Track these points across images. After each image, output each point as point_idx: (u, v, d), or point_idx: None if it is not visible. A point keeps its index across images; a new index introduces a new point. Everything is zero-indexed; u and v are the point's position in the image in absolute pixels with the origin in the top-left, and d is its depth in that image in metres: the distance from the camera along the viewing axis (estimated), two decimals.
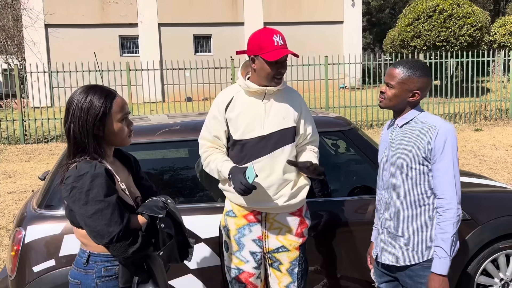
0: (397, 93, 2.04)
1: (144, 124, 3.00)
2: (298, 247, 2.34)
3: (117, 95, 1.77)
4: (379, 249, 2.18)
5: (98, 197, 1.61)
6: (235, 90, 2.32)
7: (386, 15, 34.73)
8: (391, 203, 2.10)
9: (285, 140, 2.26)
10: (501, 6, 31.13)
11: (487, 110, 12.96)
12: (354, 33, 22.05)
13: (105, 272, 1.72)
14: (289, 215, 2.32)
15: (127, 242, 1.63)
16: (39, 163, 9.15)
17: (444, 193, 1.96)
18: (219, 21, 21.10)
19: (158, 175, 2.95)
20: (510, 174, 6.95)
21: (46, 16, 19.19)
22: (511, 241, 2.95)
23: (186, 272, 2.62)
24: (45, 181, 2.83)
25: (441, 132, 1.97)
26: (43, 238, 2.51)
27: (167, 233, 1.72)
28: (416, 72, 2.02)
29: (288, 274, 2.33)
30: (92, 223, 1.61)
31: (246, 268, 2.31)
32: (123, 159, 1.91)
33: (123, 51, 20.92)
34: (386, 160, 2.14)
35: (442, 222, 1.95)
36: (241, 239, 2.32)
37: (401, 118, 2.10)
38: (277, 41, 2.17)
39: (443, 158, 1.96)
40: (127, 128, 1.78)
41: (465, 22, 15.56)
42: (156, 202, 1.78)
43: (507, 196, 3.09)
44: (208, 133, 2.32)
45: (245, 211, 2.31)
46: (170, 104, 14.24)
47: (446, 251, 1.93)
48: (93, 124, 1.69)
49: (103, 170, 1.65)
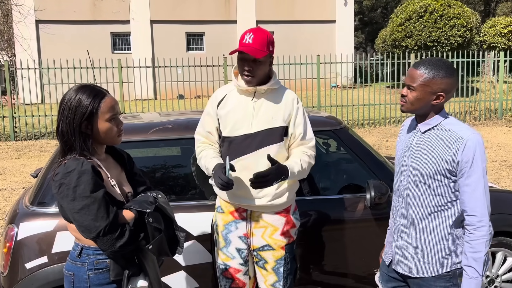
0: (419, 96, 1.89)
1: (137, 122, 3.02)
2: (284, 247, 2.33)
3: (107, 95, 1.81)
4: (393, 256, 2.11)
5: (85, 193, 1.66)
6: (229, 88, 2.37)
7: (378, 15, 34.91)
8: (408, 212, 2.00)
9: (271, 140, 2.25)
10: (491, 7, 31.44)
11: (476, 110, 13.12)
12: (346, 32, 22.13)
13: (96, 265, 1.78)
14: (274, 214, 2.32)
15: (114, 236, 1.67)
16: (30, 160, 9.09)
17: (475, 210, 1.83)
18: (212, 19, 21.07)
19: (150, 173, 2.98)
20: (498, 174, 7.05)
21: (36, 12, 19.01)
22: (497, 239, 3.01)
23: (178, 269, 2.65)
24: (38, 178, 2.84)
25: (470, 145, 1.82)
26: (35, 235, 2.52)
27: (156, 227, 1.76)
28: (439, 73, 1.87)
29: (273, 273, 2.34)
30: (79, 218, 1.67)
31: (232, 264, 2.35)
32: (116, 156, 1.96)
33: (114, 48, 20.81)
34: (405, 166, 2.02)
35: (473, 241, 1.83)
36: (228, 235, 2.35)
37: (424, 124, 1.96)
38: (246, 39, 2.21)
39: (472, 173, 1.82)
40: (117, 127, 1.83)
41: (456, 23, 15.71)
42: (146, 197, 1.84)
43: (494, 195, 3.15)
44: (202, 128, 2.39)
45: (232, 208, 2.35)
46: (162, 102, 14.21)
47: (478, 271, 1.82)
48: (79, 123, 1.74)
49: (89, 167, 1.70)
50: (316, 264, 2.83)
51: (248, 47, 2.18)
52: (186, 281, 2.66)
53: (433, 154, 1.91)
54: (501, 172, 7.13)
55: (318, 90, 12.37)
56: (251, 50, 2.17)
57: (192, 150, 2.97)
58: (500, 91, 12.86)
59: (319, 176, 3.31)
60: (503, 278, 3.10)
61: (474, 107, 13.17)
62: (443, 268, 1.95)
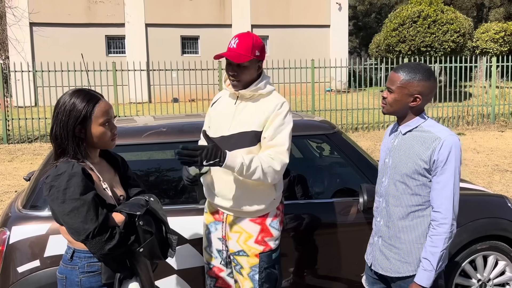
0: (397, 98, 1.98)
1: (131, 125, 3.02)
2: (258, 255, 2.28)
3: (101, 100, 1.82)
4: (373, 257, 2.16)
5: (74, 195, 1.67)
6: (225, 91, 2.43)
7: (372, 20, 35.12)
8: (388, 212, 2.07)
9: (243, 143, 2.23)
10: (484, 13, 31.74)
11: (469, 115, 13.21)
12: (340, 37, 22.24)
13: (88, 268, 1.78)
14: (248, 221, 2.29)
15: (103, 239, 1.68)
16: (23, 163, 9.04)
17: (441, 207, 1.92)
18: (207, 23, 21.10)
19: (144, 177, 2.97)
20: (490, 178, 7.10)
21: (31, 15, 18.95)
22: (488, 243, 3.04)
23: (171, 273, 2.64)
24: (30, 182, 2.83)
25: (446, 144, 1.90)
26: (28, 239, 2.51)
27: (146, 230, 1.77)
28: (416, 76, 1.95)
29: (249, 279, 2.31)
30: (69, 220, 1.68)
31: (215, 263, 2.40)
32: (110, 159, 1.98)
33: (109, 51, 20.77)
34: (386, 167, 2.10)
35: (434, 236, 1.92)
36: (209, 235, 2.40)
37: (405, 125, 2.04)
38: (231, 44, 2.23)
39: (444, 172, 1.90)
40: (110, 132, 1.84)
41: (449, 28, 15.83)
42: (138, 200, 1.85)
43: (485, 199, 3.19)
44: (203, 127, 2.48)
45: (213, 209, 2.39)
46: (156, 105, 14.19)
47: (433, 264, 1.91)
48: (73, 127, 1.76)
49: (79, 170, 1.71)
50: (309, 267, 2.84)
51: (230, 52, 2.20)
52: (179, 285, 2.66)
53: (412, 154, 1.98)
54: (493, 177, 7.18)
55: (313, 94, 12.41)
56: (233, 55, 2.18)
57: None
58: (493, 96, 12.96)
59: (313, 180, 3.33)
60: (495, 281, 3.12)
61: (467, 112, 13.26)
62: None
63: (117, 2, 20.38)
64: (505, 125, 12.71)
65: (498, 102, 13.17)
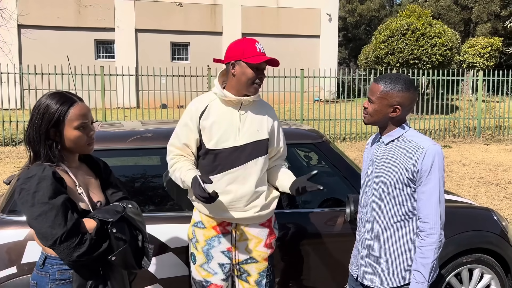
0: (377, 108, 1.98)
1: (116, 130, 2.96)
2: (267, 258, 2.34)
3: (77, 102, 1.76)
4: (359, 268, 2.14)
5: (43, 199, 1.61)
6: (210, 98, 2.29)
7: (361, 31, 35.51)
8: (372, 222, 2.05)
9: (259, 152, 2.25)
10: (471, 27, 32.31)
11: (455, 128, 13.36)
12: (330, 47, 22.42)
13: (59, 275, 1.73)
14: (258, 226, 2.31)
15: (72, 245, 1.62)
16: (6, 166, 8.87)
17: (428, 217, 1.90)
18: (197, 30, 21.11)
19: (128, 183, 2.91)
20: (475, 190, 7.15)
21: (19, 17, 18.75)
22: (474, 256, 3.02)
23: (154, 282, 2.58)
24: (10, 185, 2.75)
25: (429, 154, 1.90)
26: (5, 245, 2.43)
27: (119, 238, 1.71)
28: (395, 87, 1.95)
29: (256, 286, 2.32)
30: (37, 225, 1.62)
31: (214, 280, 2.29)
32: (92, 164, 1.92)
33: (98, 55, 20.63)
34: (370, 177, 2.09)
35: (424, 247, 1.90)
36: (209, 251, 2.29)
37: (387, 135, 2.03)
38: (259, 48, 2.22)
39: (429, 181, 1.90)
40: (87, 136, 1.78)
41: (437, 42, 16.06)
42: (114, 206, 1.80)
43: (471, 212, 3.18)
44: (177, 140, 2.27)
45: (214, 222, 2.29)
46: (144, 111, 14.09)
47: (425, 276, 1.90)
48: (46, 130, 1.71)
49: (50, 173, 1.65)
50: (295, 278, 2.80)
51: (272, 58, 2.21)
52: None
53: (395, 164, 1.97)
54: (479, 189, 7.23)
55: (301, 104, 12.44)
56: (275, 60, 2.23)
57: None
58: (479, 109, 13.14)
59: None
60: None
61: (453, 125, 13.41)
62: (406, 279, 1.98)
63: (107, 7, 20.29)
64: (490, 138, 12.87)
65: (484, 116, 13.33)
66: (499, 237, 3.09)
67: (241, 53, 2.18)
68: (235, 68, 2.20)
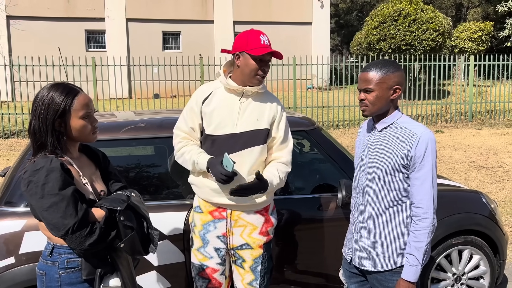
0: (379, 95, 2.00)
1: (110, 121, 2.98)
2: (262, 245, 2.36)
3: (80, 93, 1.80)
4: (352, 252, 2.19)
5: (53, 190, 1.64)
6: (215, 85, 2.36)
7: (353, 18, 35.40)
8: (366, 208, 2.10)
9: (255, 141, 2.28)
10: (463, 12, 32.31)
11: (447, 113, 13.46)
12: (322, 34, 22.37)
13: (67, 264, 1.76)
14: (254, 213, 2.34)
15: (83, 234, 1.66)
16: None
17: (421, 202, 1.95)
18: (189, 18, 20.95)
19: (123, 172, 2.94)
20: (467, 174, 7.26)
21: (7, 8, 18.51)
22: (463, 238, 3.10)
23: (150, 269, 2.63)
24: (6, 177, 2.78)
25: (422, 140, 1.94)
26: (2, 235, 2.46)
27: (127, 225, 1.75)
28: (389, 68, 1.99)
29: (251, 272, 2.36)
30: (48, 216, 1.65)
31: (210, 264, 2.35)
32: (91, 155, 1.95)
33: (89, 46, 20.45)
34: (363, 163, 2.13)
35: (417, 231, 1.95)
36: (205, 235, 2.35)
37: (381, 122, 2.07)
38: (263, 40, 2.25)
39: (422, 167, 1.94)
40: (91, 125, 1.82)
41: (428, 27, 16.08)
42: (119, 195, 1.83)
43: (461, 195, 3.25)
44: (184, 124, 2.35)
45: (211, 207, 2.34)
46: (137, 101, 14.05)
47: (419, 259, 1.95)
48: (52, 120, 1.73)
49: (58, 165, 1.68)
50: (289, 263, 2.86)
51: (276, 51, 2.25)
52: (159, 281, 2.65)
53: (389, 150, 2.01)
54: (470, 173, 7.34)
55: (294, 91, 12.46)
56: (278, 53, 2.27)
57: (166, 150, 2.96)
58: (470, 94, 13.23)
59: (293, 175, 3.34)
60: (469, 275, 3.19)
61: (445, 110, 13.50)
62: (399, 262, 2.04)
63: None
64: (482, 122, 12.99)
65: (475, 100, 13.43)
66: (487, 219, 3.17)
67: (245, 44, 2.24)
68: (239, 59, 2.27)
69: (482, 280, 3.24)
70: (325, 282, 2.93)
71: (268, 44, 2.26)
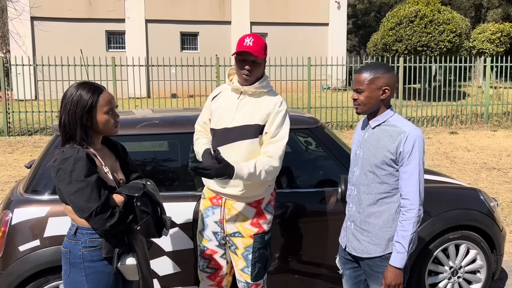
0: (369, 95, 2.16)
1: (127, 117, 3.21)
2: (252, 236, 2.51)
3: (105, 90, 2.03)
4: (347, 239, 2.37)
5: (79, 177, 1.85)
6: (225, 87, 2.62)
7: (371, 18, 35.24)
8: (359, 199, 2.26)
9: (245, 136, 2.44)
10: (482, 13, 31.87)
11: (463, 114, 13.40)
12: (339, 35, 22.41)
13: (90, 243, 1.97)
14: (245, 204, 2.51)
15: (105, 216, 1.87)
16: (23, 155, 9.23)
17: (408, 195, 2.11)
18: (206, 19, 21.26)
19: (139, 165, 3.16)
20: (477, 175, 7.30)
21: (32, 9, 19.10)
22: (460, 233, 3.24)
23: (162, 254, 2.84)
24: (31, 169, 3.02)
25: (410, 137, 2.10)
26: (29, 220, 2.70)
27: (143, 210, 1.96)
28: (379, 70, 2.16)
29: (243, 259, 2.54)
30: (74, 199, 1.86)
31: (209, 246, 2.58)
32: (111, 147, 2.18)
33: (109, 46, 20.93)
34: (357, 158, 2.29)
35: (404, 221, 2.11)
36: (205, 219, 2.58)
37: (374, 120, 2.23)
38: (246, 42, 2.42)
39: (410, 162, 2.10)
40: (113, 119, 2.04)
41: (445, 28, 16.01)
42: (136, 184, 2.05)
43: (458, 192, 3.38)
44: (201, 119, 2.65)
45: (211, 194, 2.57)
46: (155, 100, 14.37)
47: (405, 247, 2.10)
48: (81, 115, 1.95)
49: (84, 155, 1.90)
50: (293, 253, 3.04)
51: (251, 48, 2.39)
52: (169, 266, 2.86)
53: (380, 146, 2.18)
54: (480, 174, 7.38)
55: (309, 92, 12.59)
56: (254, 51, 2.39)
57: (178, 145, 3.18)
58: (487, 96, 13.16)
59: (298, 171, 3.52)
60: (466, 269, 3.32)
61: (461, 111, 13.45)
62: (388, 249, 2.21)
63: None
64: (498, 124, 12.91)
65: (492, 102, 13.35)
66: (484, 215, 3.29)
67: (235, 47, 2.48)
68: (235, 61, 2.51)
69: (479, 274, 3.36)
70: (328, 272, 3.10)
71: (250, 45, 2.40)
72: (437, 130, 12.18)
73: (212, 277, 2.61)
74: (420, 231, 3.11)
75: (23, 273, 2.64)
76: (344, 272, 2.45)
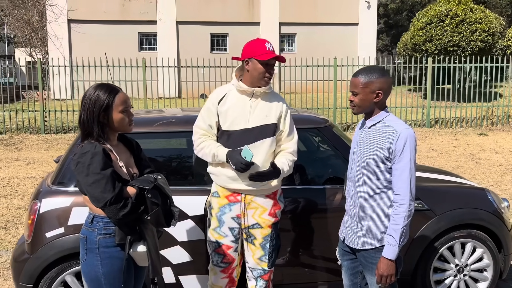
0: (362, 97, 2.31)
1: (145, 116, 3.43)
2: (271, 225, 2.73)
3: (120, 91, 2.23)
4: (345, 232, 2.51)
5: (96, 170, 2.06)
6: (228, 88, 2.75)
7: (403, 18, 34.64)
8: (355, 194, 2.40)
9: (265, 134, 2.66)
10: None
11: (494, 115, 13.09)
12: (368, 35, 22.22)
13: (105, 231, 2.18)
14: (264, 197, 2.71)
15: (118, 206, 2.06)
16: (57, 152, 9.71)
17: (400, 190, 2.23)
18: (236, 20, 21.54)
19: (154, 161, 3.38)
20: (501, 177, 7.20)
21: (69, 12, 19.89)
22: (466, 231, 3.29)
23: (175, 244, 3.05)
24: (59, 163, 3.29)
25: (402, 136, 2.22)
26: (55, 210, 2.96)
27: (153, 202, 2.15)
28: (373, 75, 2.28)
29: (260, 248, 2.74)
30: (91, 190, 2.07)
31: (225, 242, 2.74)
32: (127, 143, 2.37)
33: (141, 48, 21.53)
34: (354, 155, 2.44)
35: (396, 215, 2.24)
36: (222, 217, 2.73)
37: (370, 120, 2.36)
38: (268, 47, 2.62)
39: (401, 160, 2.22)
40: (128, 118, 2.24)
41: (477, 28, 15.65)
42: (148, 177, 2.24)
43: (466, 191, 3.43)
44: (203, 122, 2.74)
45: (227, 192, 2.73)
46: (183, 100, 14.73)
47: (396, 239, 2.23)
48: (98, 113, 2.15)
49: (101, 150, 2.10)
50: (302, 247, 3.18)
51: (279, 55, 2.64)
52: (181, 255, 3.06)
53: (375, 144, 2.31)
54: (505, 176, 7.27)
55: (334, 92, 12.62)
56: (281, 56, 2.65)
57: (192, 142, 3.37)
58: None
59: (308, 168, 3.65)
60: (472, 267, 3.37)
61: (492, 112, 13.15)
62: (381, 241, 2.33)
63: (149, 0, 21.09)
64: None
65: None
66: (491, 214, 3.33)
67: (253, 51, 2.63)
68: (248, 64, 2.65)
69: (486, 273, 3.40)
70: (334, 265, 3.22)
71: (272, 50, 2.63)
72: (466, 132, 11.96)
73: (225, 271, 2.79)
74: (426, 228, 3.20)
75: (49, 257, 2.90)
76: (343, 263, 2.58)
